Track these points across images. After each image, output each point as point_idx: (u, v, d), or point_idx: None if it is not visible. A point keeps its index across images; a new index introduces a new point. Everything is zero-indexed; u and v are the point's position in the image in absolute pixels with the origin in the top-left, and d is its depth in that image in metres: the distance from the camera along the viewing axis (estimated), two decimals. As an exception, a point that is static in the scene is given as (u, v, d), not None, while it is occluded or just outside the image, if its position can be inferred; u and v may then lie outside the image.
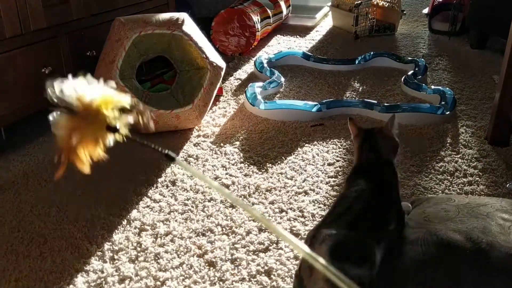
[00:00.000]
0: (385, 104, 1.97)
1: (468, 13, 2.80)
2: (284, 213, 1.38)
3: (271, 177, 1.56)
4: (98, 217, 1.38)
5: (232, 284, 1.14)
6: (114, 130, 0.65)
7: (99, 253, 1.24)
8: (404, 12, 3.22)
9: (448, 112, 1.90)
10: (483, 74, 2.37)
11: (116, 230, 1.32)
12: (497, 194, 1.44)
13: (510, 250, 0.98)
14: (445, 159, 1.64)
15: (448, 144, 1.74)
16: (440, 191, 1.47)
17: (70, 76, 0.65)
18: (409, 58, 2.50)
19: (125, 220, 1.36)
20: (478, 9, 2.66)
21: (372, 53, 2.54)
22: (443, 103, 1.95)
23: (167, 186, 1.52)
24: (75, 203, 1.44)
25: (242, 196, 1.46)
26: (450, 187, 1.49)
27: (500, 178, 1.52)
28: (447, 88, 2.09)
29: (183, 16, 1.90)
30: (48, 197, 1.47)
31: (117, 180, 1.56)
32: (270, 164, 1.63)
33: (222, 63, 1.93)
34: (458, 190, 1.47)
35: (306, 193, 1.48)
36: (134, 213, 1.39)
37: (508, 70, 1.62)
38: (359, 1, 2.95)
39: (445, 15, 3.00)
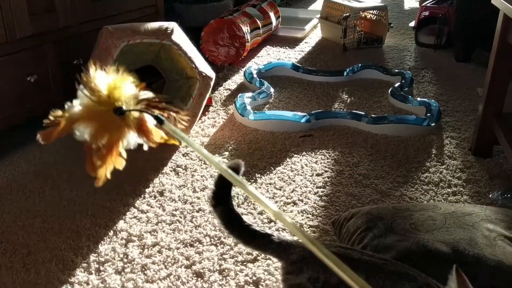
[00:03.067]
0: (372, 115, 1.99)
1: (453, 27, 2.86)
2: (272, 223, 1.38)
3: (260, 187, 1.56)
4: (84, 228, 1.36)
5: (220, 295, 1.13)
6: (121, 112, 0.61)
7: (84, 265, 1.22)
8: (391, 25, 3.27)
9: (433, 124, 1.92)
10: (467, 87, 2.41)
11: (102, 241, 1.31)
12: (480, 204, 1.45)
13: (496, 264, 0.99)
14: (430, 169, 1.66)
15: (433, 155, 1.76)
16: (425, 202, 1.48)
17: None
18: (396, 71, 2.53)
19: (112, 231, 1.35)
20: (463, 23, 2.71)
21: (360, 65, 2.57)
22: (428, 115, 1.98)
23: (155, 197, 1.51)
24: (59, 214, 1.42)
25: (230, 207, 1.46)
26: (435, 197, 1.50)
27: (483, 189, 1.54)
28: (433, 100, 2.12)
29: (173, 25, 1.90)
30: (32, 208, 1.45)
31: (103, 190, 1.54)
32: (259, 175, 1.63)
33: (211, 73, 1.93)
34: (443, 201, 1.49)
35: (294, 203, 1.48)
36: (120, 224, 1.38)
37: (491, 83, 1.65)
38: (347, 14, 2.99)
39: (431, 29, 3.05)
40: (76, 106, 0.62)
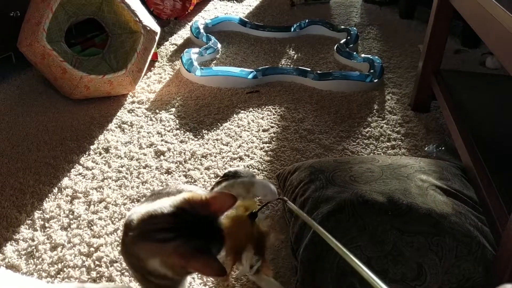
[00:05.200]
0: (318, 72, 2.02)
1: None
2: (218, 178, 1.41)
3: (206, 143, 1.58)
4: (27, 185, 1.33)
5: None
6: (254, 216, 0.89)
7: (29, 222, 1.21)
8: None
9: (376, 80, 1.99)
10: (410, 44, 2.48)
11: (46, 198, 1.29)
12: (417, 157, 1.54)
13: (427, 211, 1.07)
14: (371, 124, 1.73)
15: (374, 111, 1.83)
16: (366, 155, 1.56)
17: None
18: (342, 27, 2.56)
19: (56, 188, 1.33)
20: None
21: (307, 21, 2.58)
22: (371, 71, 2.04)
23: (100, 154, 1.49)
24: (1, 171, 1.38)
25: (178, 162, 1.47)
26: (375, 151, 1.58)
27: (420, 142, 1.63)
28: (376, 57, 2.18)
29: (114, -24, 1.82)
30: (-30, 166, 1.40)
31: (46, 147, 1.50)
32: (206, 131, 1.64)
33: (156, 27, 1.88)
34: (382, 154, 1.57)
35: (241, 158, 1.51)
36: (65, 181, 1.36)
37: (431, 40, 1.71)
38: (296, -32, 2.95)
39: (377, -15, 3.08)
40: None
